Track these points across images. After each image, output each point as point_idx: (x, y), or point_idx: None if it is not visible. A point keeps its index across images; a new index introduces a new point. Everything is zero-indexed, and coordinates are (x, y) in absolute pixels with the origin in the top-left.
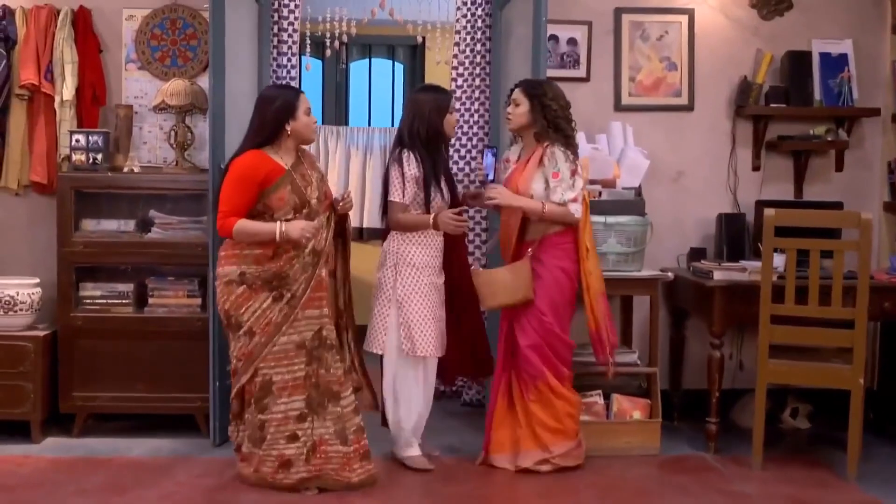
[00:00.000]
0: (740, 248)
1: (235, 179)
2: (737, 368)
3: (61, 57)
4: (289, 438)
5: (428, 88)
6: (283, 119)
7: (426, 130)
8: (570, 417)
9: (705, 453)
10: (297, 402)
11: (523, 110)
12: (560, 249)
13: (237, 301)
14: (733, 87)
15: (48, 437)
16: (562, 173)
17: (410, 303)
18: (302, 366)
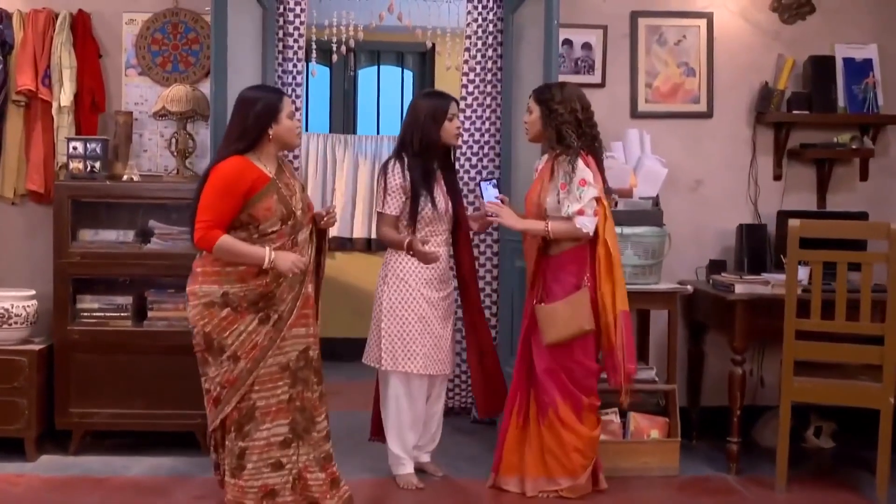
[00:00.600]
0: (761, 261)
1: (220, 187)
2: (758, 385)
3: (59, 62)
4: (273, 466)
5: (429, 94)
6: (265, 123)
7: (420, 138)
8: (578, 452)
9: (726, 474)
10: (280, 426)
11: (535, 118)
12: (577, 265)
13: (220, 324)
14: (754, 93)
15: (43, 455)
16: (568, 184)
17: (394, 315)
18: (286, 388)
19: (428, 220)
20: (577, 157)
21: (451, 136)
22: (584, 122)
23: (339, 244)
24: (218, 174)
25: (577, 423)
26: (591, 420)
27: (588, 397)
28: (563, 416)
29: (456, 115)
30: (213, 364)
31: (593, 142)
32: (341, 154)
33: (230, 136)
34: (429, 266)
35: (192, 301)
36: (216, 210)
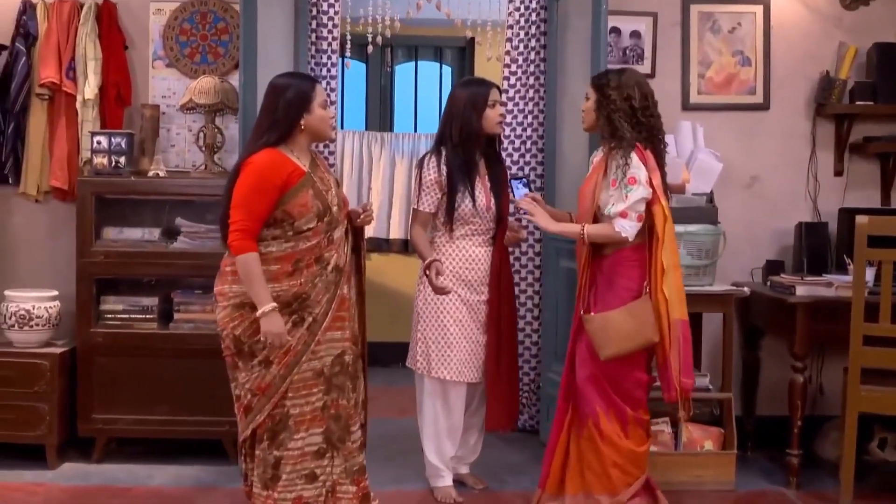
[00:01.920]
0: (822, 261)
1: (253, 183)
2: (816, 393)
3: (84, 54)
4: (307, 478)
5: (468, 83)
6: (297, 112)
7: (459, 129)
8: (617, 468)
9: (785, 489)
10: (315, 436)
11: (590, 105)
12: (631, 267)
13: (252, 327)
14: (813, 83)
15: (65, 463)
16: (619, 181)
17: (428, 318)
18: (320, 395)
19: (467, 217)
20: (632, 151)
21: (494, 125)
22: (640, 111)
23: (376, 245)
24: (250, 169)
25: (621, 437)
26: (638, 435)
27: (635, 410)
28: (603, 429)
29: (498, 101)
30: (243, 369)
31: (653, 134)
32: (378, 152)
33: (260, 128)
34: (469, 267)
35: (222, 302)
36: (250, 208)
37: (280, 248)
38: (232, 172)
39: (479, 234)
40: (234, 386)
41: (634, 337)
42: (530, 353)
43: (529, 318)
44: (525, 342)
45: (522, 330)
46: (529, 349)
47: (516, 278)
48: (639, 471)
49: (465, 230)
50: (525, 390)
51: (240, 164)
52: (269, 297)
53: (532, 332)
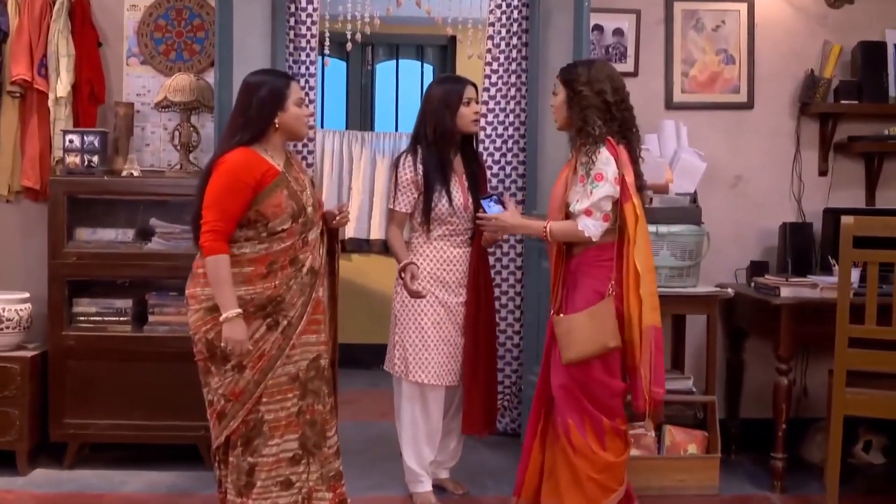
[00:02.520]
0: (807, 262)
1: (227, 182)
2: (801, 395)
3: (56, 50)
4: (282, 485)
5: (443, 80)
6: (270, 110)
7: (433, 128)
8: (593, 482)
9: (770, 493)
10: (290, 442)
11: (560, 101)
12: (598, 268)
13: None
14: (798, 82)
15: (37, 469)
16: (586, 177)
17: (405, 321)
18: (295, 400)
19: (444, 217)
20: (600, 146)
21: (468, 123)
22: (613, 105)
23: (357, 246)
24: (223, 168)
25: (597, 448)
26: (616, 446)
27: (611, 420)
28: (574, 442)
29: (474, 99)
30: (216, 374)
31: (626, 128)
32: (358, 152)
33: (234, 127)
34: (446, 269)
35: (193, 305)
36: (223, 208)
37: (254, 250)
38: (204, 172)
39: (457, 235)
40: (207, 391)
41: (592, 341)
42: (511, 356)
43: (510, 320)
44: (506, 344)
45: (504, 332)
46: (510, 351)
47: (497, 279)
48: (617, 484)
49: (442, 230)
50: (506, 393)
51: (212, 163)
52: (234, 302)
53: (513, 333)
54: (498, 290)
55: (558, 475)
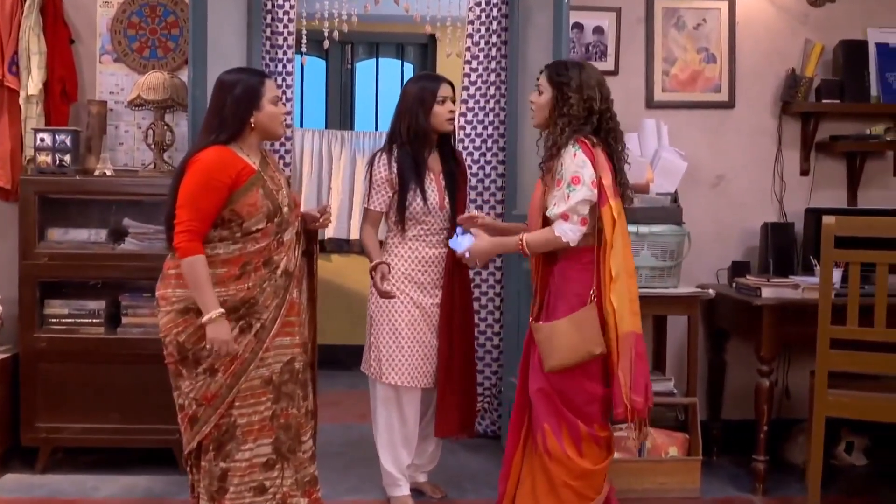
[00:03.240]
0: (788, 262)
1: (202, 181)
2: (783, 396)
3: (27, 47)
4: (256, 490)
5: (419, 78)
6: (246, 109)
7: (408, 126)
8: (569, 489)
9: (752, 495)
10: (263, 446)
11: (544, 101)
12: (581, 272)
13: (197, 333)
14: (779, 81)
15: (7, 474)
16: (563, 180)
17: (380, 322)
18: (269, 404)
19: (418, 216)
20: (578, 148)
21: (443, 122)
22: (599, 114)
23: (337, 246)
24: (197, 167)
25: (573, 455)
26: (594, 453)
27: (589, 426)
28: (550, 447)
29: (449, 97)
30: (187, 377)
31: (608, 135)
32: (338, 151)
33: (209, 126)
34: (421, 269)
35: (164, 307)
36: (197, 207)
37: (227, 251)
38: (177, 170)
39: (432, 235)
40: (178, 395)
41: (577, 349)
42: (491, 357)
43: (490, 321)
44: (486, 345)
45: (483, 332)
46: (490, 352)
47: (476, 279)
48: (594, 492)
49: (417, 230)
50: (486, 395)
51: (186, 161)
52: (216, 303)
53: (493, 334)
54: (478, 291)
55: (535, 481)
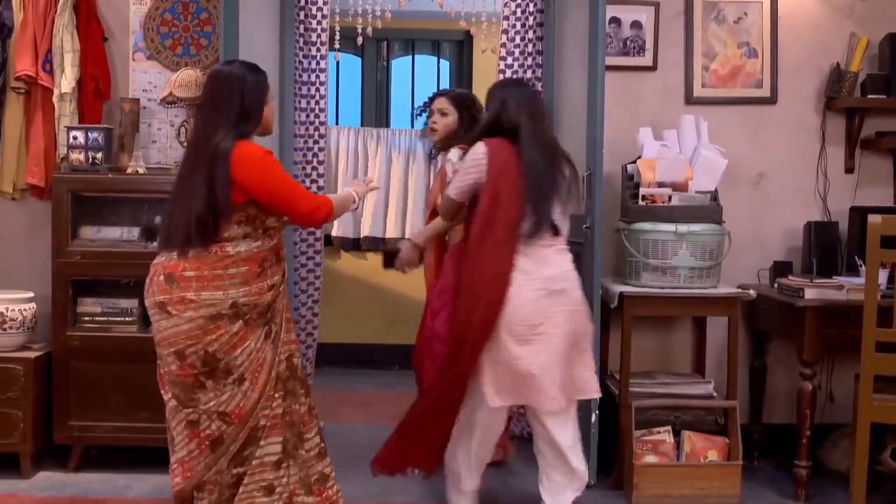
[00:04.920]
0: (832, 262)
1: (271, 163)
2: (826, 400)
3: (61, 45)
4: (265, 490)
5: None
6: (260, 103)
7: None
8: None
9: (794, 501)
10: (274, 444)
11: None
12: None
13: (231, 342)
14: (823, 76)
15: (41, 472)
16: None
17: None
18: (280, 401)
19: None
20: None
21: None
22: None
23: (372, 244)
24: (259, 153)
25: None
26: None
27: None
28: None
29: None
30: (213, 388)
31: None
32: (373, 149)
33: (228, 116)
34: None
35: (184, 312)
36: (294, 182)
37: (248, 249)
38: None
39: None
40: (191, 411)
41: None
42: None
43: None
44: None
45: None
46: None
47: None
48: None
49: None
50: None
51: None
52: (347, 190)
53: None
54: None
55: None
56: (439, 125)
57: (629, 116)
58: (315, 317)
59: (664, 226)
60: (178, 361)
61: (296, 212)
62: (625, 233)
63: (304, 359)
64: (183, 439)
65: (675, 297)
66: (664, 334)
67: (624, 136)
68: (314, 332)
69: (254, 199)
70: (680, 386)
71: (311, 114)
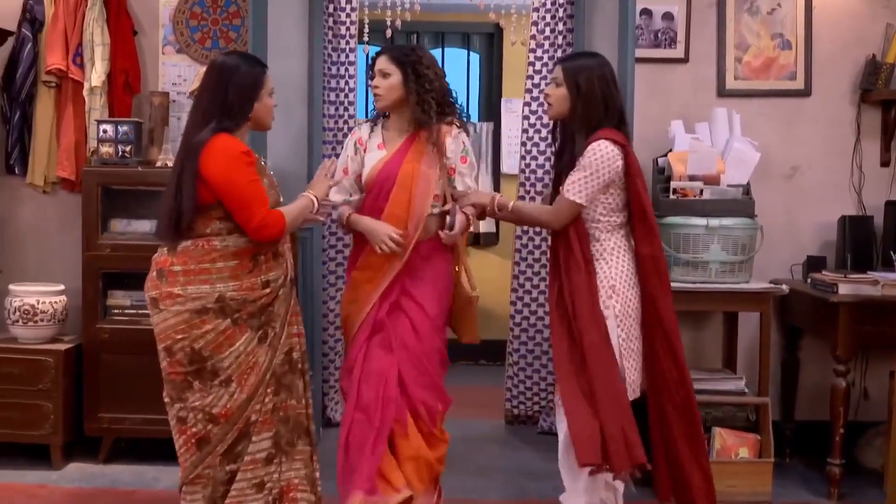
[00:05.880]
0: (867, 257)
1: (241, 164)
2: (860, 397)
3: (91, 39)
4: (256, 487)
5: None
6: (249, 98)
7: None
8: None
9: (827, 500)
10: (265, 440)
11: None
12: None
13: (217, 340)
14: (858, 68)
15: (71, 463)
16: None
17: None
18: (271, 396)
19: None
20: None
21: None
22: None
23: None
24: (228, 152)
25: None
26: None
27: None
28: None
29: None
30: (198, 390)
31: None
32: None
33: (209, 109)
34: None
35: (171, 306)
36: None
37: (236, 243)
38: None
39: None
40: (180, 407)
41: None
42: (541, 350)
43: (541, 314)
44: (543, 344)
45: (534, 325)
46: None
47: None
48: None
49: None
50: (549, 391)
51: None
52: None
53: (543, 326)
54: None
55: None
56: (382, 88)
57: (660, 109)
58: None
59: (695, 220)
60: (168, 358)
61: (245, 223)
62: None
63: (334, 352)
64: (175, 434)
65: (707, 292)
66: (695, 330)
67: (655, 129)
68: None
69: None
70: (711, 382)
71: (340, 107)
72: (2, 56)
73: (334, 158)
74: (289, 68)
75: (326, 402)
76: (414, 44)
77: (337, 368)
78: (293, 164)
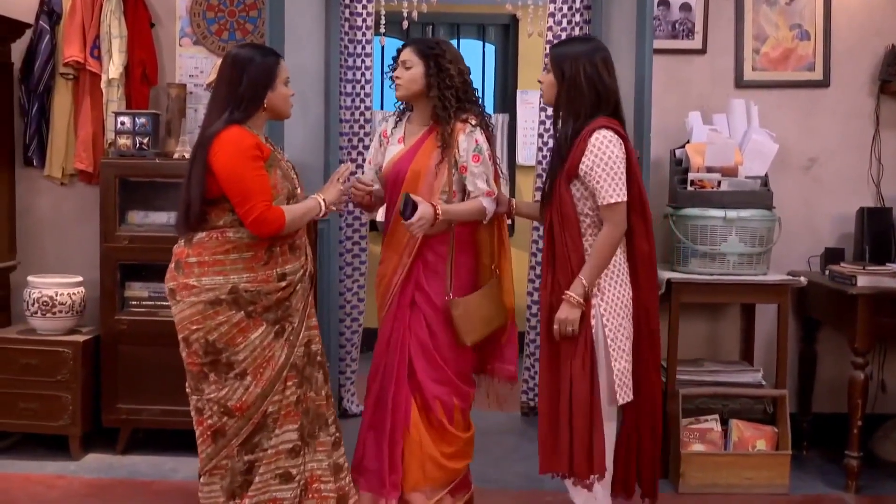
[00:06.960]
0: (885, 249)
1: (247, 158)
2: (878, 390)
3: (109, 31)
4: (282, 478)
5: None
6: (262, 88)
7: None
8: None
9: (844, 493)
10: (289, 432)
11: (417, 73)
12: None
13: (231, 332)
14: (878, 58)
15: (89, 454)
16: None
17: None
18: (294, 388)
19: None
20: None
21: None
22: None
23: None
24: (234, 145)
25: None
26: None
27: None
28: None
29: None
30: (214, 381)
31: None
32: None
33: (223, 101)
34: None
35: (187, 297)
36: (262, 183)
37: (250, 235)
38: (199, 148)
39: None
40: (197, 398)
41: (491, 321)
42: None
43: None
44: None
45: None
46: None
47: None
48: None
49: None
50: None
51: (208, 140)
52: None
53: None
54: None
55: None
56: (403, 79)
57: (678, 100)
58: (360, 302)
59: (713, 211)
60: (186, 349)
61: (244, 217)
62: (673, 218)
63: (350, 344)
64: (195, 424)
65: (724, 284)
66: (712, 321)
67: (672, 120)
68: (359, 317)
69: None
70: (728, 374)
71: (357, 98)
72: (20, 48)
73: (349, 163)
74: (305, 60)
75: (343, 394)
76: (440, 38)
77: (353, 360)
78: (310, 157)
